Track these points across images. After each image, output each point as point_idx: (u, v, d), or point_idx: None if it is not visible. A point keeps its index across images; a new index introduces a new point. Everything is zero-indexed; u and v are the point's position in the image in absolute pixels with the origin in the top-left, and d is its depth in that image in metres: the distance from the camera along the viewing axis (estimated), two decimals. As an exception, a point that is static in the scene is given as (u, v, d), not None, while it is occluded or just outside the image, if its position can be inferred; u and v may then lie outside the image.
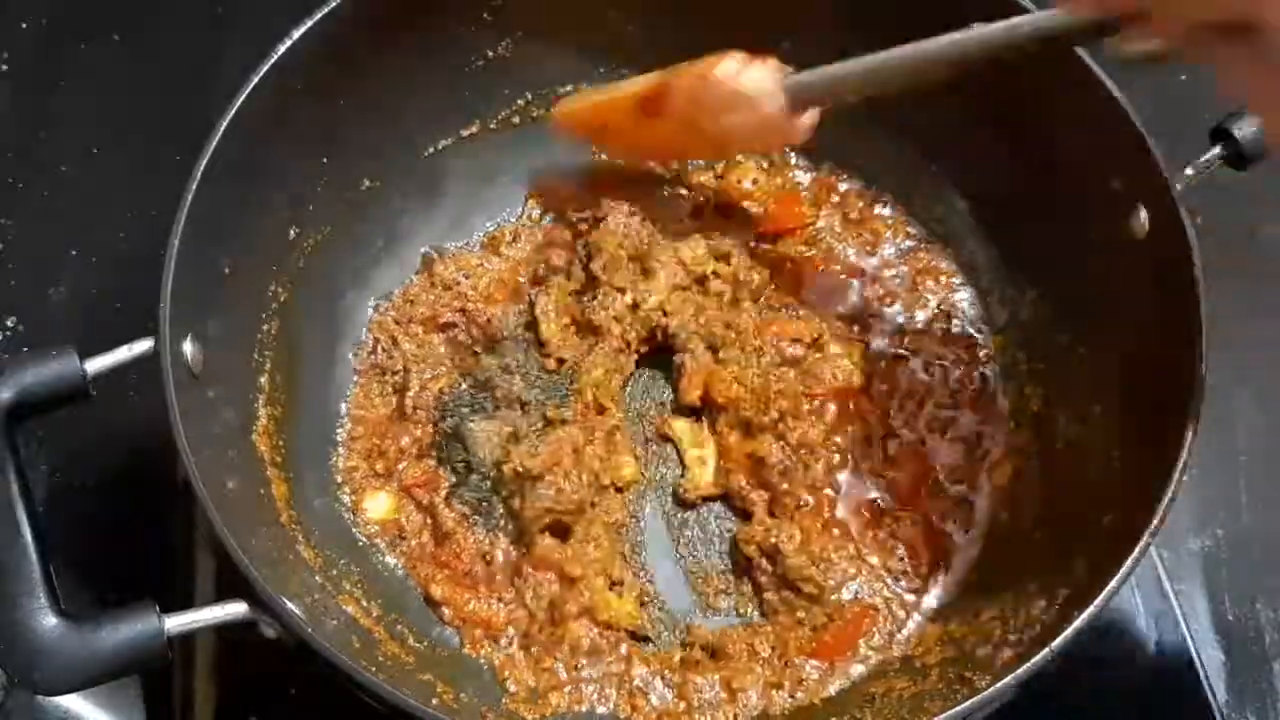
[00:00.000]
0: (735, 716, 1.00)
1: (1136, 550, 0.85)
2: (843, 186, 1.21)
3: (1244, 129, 0.96)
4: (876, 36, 1.09)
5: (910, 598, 1.05)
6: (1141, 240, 0.97)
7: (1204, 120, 0.97)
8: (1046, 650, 0.84)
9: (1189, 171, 0.96)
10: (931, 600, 1.05)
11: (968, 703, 0.83)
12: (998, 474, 1.09)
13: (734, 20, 1.14)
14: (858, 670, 1.02)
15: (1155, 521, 0.86)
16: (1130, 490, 0.92)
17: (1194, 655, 1.08)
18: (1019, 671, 0.84)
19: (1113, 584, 0.84)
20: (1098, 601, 0.84)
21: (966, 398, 1.13)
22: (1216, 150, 0.96)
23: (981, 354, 1.14)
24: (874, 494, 1.09)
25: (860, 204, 1.21)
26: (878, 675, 1.02)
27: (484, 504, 1.07)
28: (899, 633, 1.04)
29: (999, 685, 0.84)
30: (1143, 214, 0.97)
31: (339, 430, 1.11)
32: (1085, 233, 1.03)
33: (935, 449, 1.11)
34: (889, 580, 1.06)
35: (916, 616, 1.05)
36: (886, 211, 1.20)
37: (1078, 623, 0.84)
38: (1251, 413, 1.22)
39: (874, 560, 1.06)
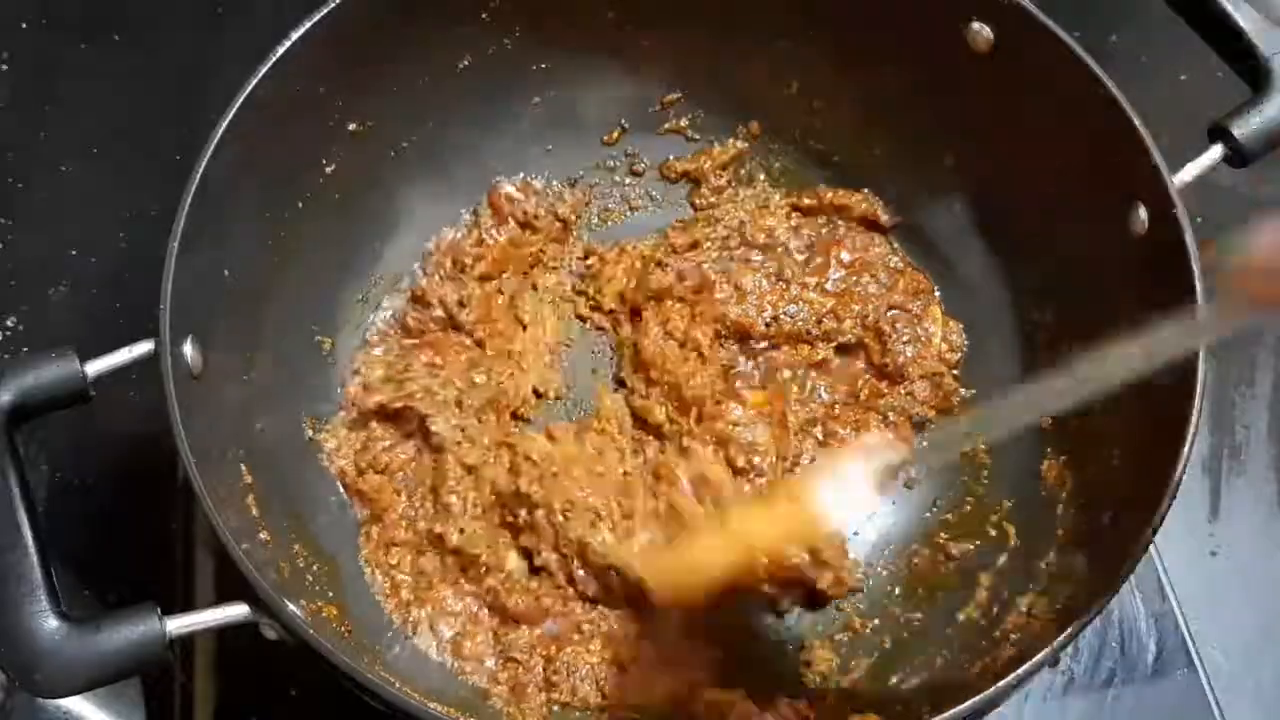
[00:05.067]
0: None
1: (1136, 550, 0.85)
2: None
3: (1244, 129, 0.95)
4: (876, 37, 1.10)
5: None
6: (1141, 239, 0.97)
7: (1204, 120, 0.97)
8: (1047, 650, 0.84)
9: (1189, 171, 0.96)
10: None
11: (968, 703, 0.83)
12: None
13: (733, 20, 1.14)
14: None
15: (1155, 521, 0.86)
16: (1130, 490, 0.92)
17: (1194, 655, 1.08)
18: (1019, 671, 0.84)
19: (1113, 584, 0.84)
20: (1098, 602, 0.84)
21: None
22: (1216, 150, 0.96)
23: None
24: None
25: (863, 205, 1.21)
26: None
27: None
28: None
29: (999, 685, 0.84)
30: (1142, 213, 0.97)
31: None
32: (1085, 232, 1.03)
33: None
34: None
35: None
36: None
37: (1078, 623, 0.84)
38: (1252, 412, 1.23)
39: None
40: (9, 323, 1.23)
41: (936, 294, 1.17)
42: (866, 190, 1.19)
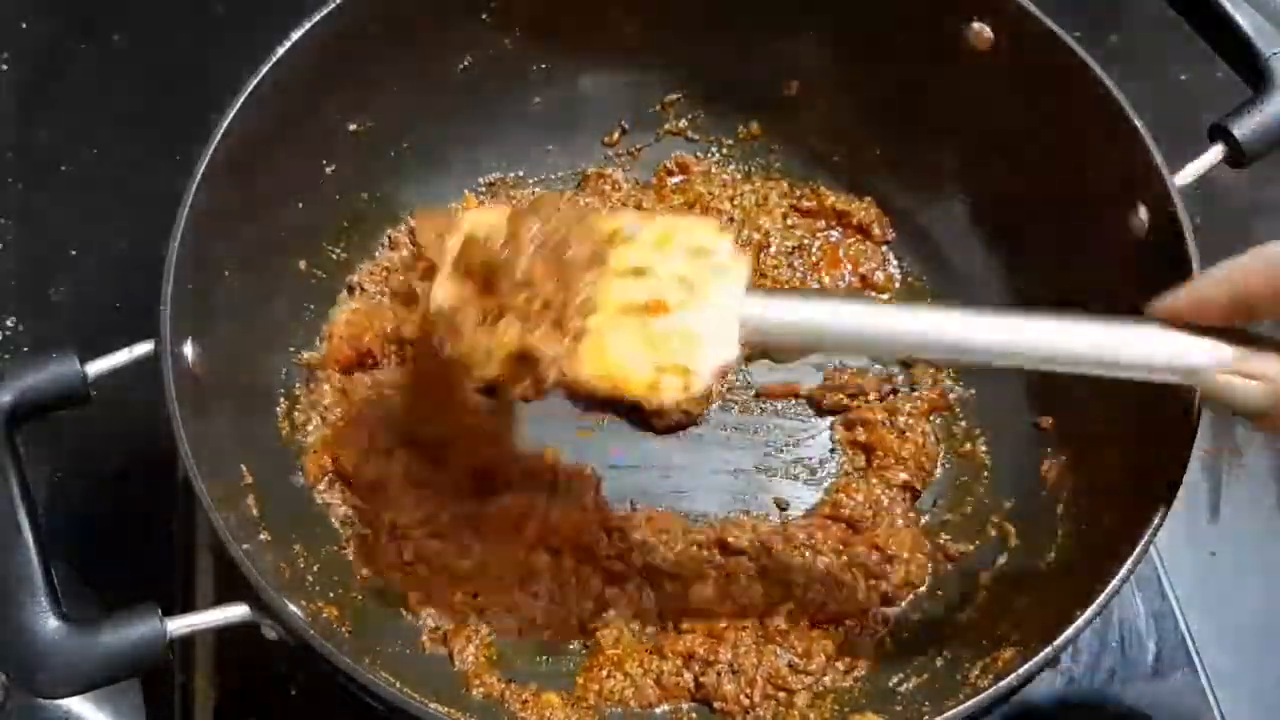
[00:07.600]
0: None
1: (1137, 550, 0.85)
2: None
3: (1244, 128, 0.95)
4: (876, 37, 1.10)
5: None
6: (1141, 240, 0.97)
7: (1204, 120, 0.97)
8: (1048, 650, 0.84)
9: (1189, 171, 0.96)
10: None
11: (969, 703, 0.83)
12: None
13: (733, 20, 1.15)
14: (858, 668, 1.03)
15: (1155, 521, 0.86)
16: (1130, 490, 0.92)
17: (1194, 655, 1.08)
18: (1020, 671, 0.84)
19: (1113, 584, 0.84)
20: (1098, 601, 0.84)
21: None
22: (1216, 150, 0.96)
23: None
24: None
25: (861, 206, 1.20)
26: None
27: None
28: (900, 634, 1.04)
29: (1000, 685, 0.84)
30: (1143, 213, 0.97)
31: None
32: (1085, 232, 1.03)
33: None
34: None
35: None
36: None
37: (1078, 623, 0.84)
38: (1251, 412, 1.22)
39: None
40: (9, 323, 1.23)
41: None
42: (869, 199, 1.20)
